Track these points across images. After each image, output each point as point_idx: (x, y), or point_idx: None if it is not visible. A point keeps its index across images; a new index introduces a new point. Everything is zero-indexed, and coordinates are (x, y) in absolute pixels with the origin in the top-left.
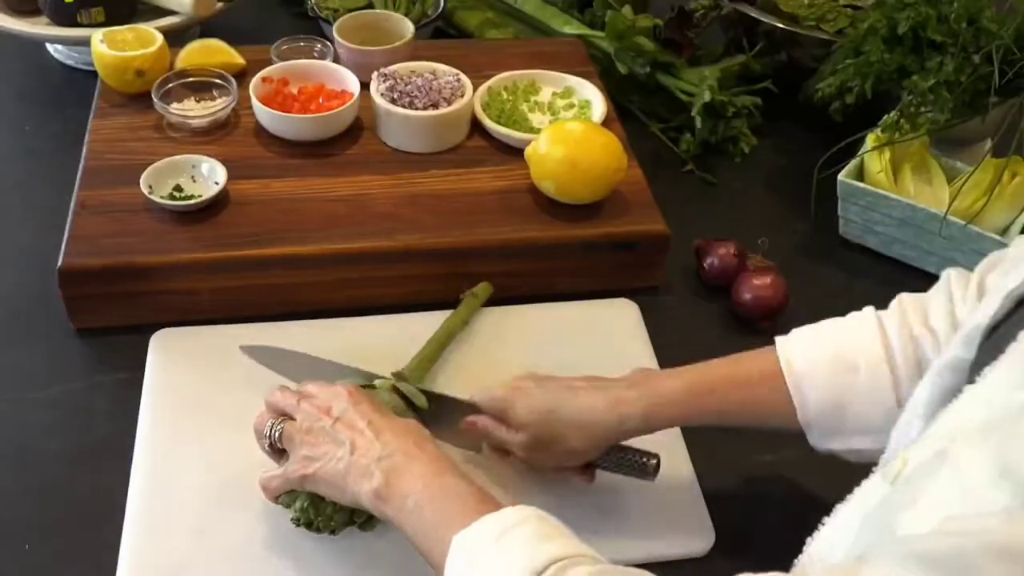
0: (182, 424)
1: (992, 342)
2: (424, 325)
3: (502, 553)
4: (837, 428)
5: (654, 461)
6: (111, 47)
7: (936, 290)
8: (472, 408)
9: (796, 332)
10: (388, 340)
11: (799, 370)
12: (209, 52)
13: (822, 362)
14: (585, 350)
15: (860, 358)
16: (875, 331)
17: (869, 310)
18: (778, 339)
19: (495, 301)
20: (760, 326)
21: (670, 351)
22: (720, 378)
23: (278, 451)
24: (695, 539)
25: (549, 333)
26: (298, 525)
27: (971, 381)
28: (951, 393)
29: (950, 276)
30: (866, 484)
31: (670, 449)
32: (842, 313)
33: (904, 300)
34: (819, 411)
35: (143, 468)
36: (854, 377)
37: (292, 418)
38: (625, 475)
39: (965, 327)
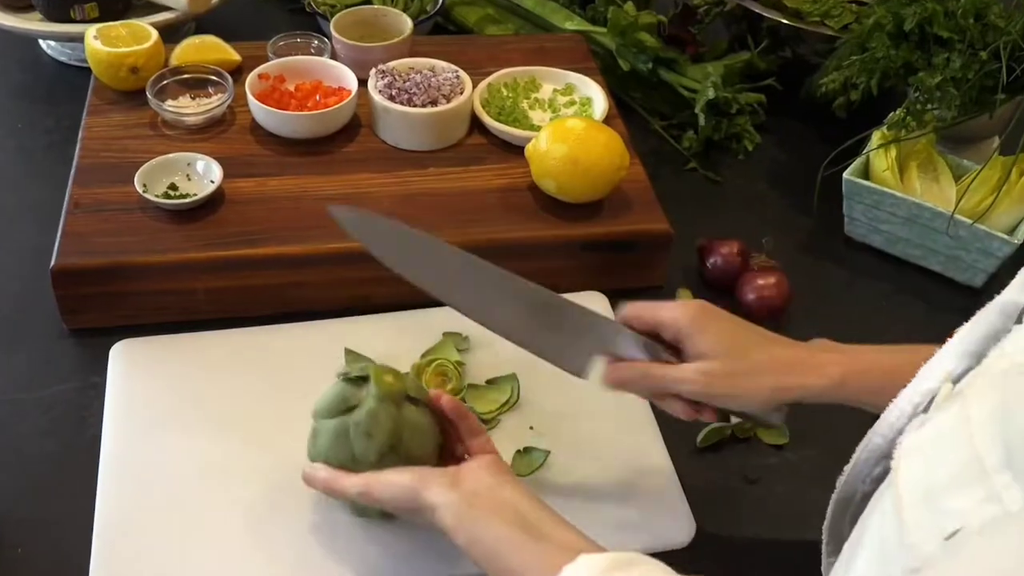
0: (144, 440)
1: None
2: (423, 325)
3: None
4: None
5: (783, 413)
6: (105, 43)
7: None
8: (615, 328)
9: None
10: (387, 340)
11: None
12: (204, 48)
13: None
14: None
15: None
16: None
17: None
18: None
19: None
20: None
21: None
22: (923, 361)
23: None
24: (675, 530)
25: None
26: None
27: (1019, 322)
28: (996, 336)
29: None
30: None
31: (644, 439)
32: (846, 312)
33: None
34: None
35: (109, 487)
36: None
37: None
38: (752, 419)
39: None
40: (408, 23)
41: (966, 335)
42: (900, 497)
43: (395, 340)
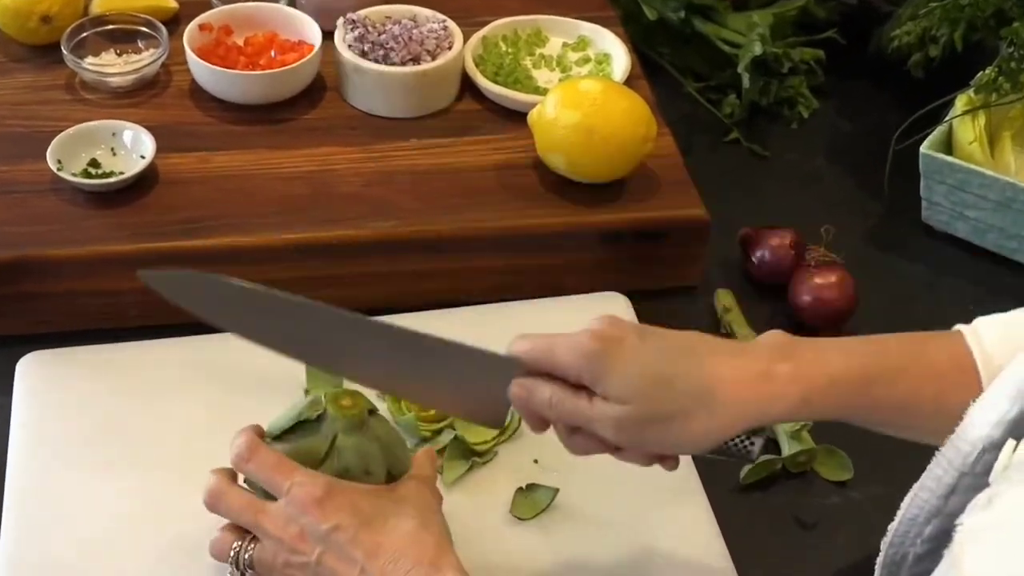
0: (58, 474)
1: None
2: None
3: None
4: None
5: (760, 442)
6: None
7: None
8: (514, 366)
9: (985, 325)
10: None
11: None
12: None
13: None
14: None
15: None
16: None
17: None
18: (965, 331)
19: (484, 300)
20: (823, 335)
21: None
22: (906, 360)
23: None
24: None
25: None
26: None
27: None
28: None
29: None
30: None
31: (675, 475)
32: (924, 319)
33: None
34: None
35: (14, 533)
36: None
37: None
38: (723, 458)
39: None
40: None
41: (1018, 371)
42: None
43: None
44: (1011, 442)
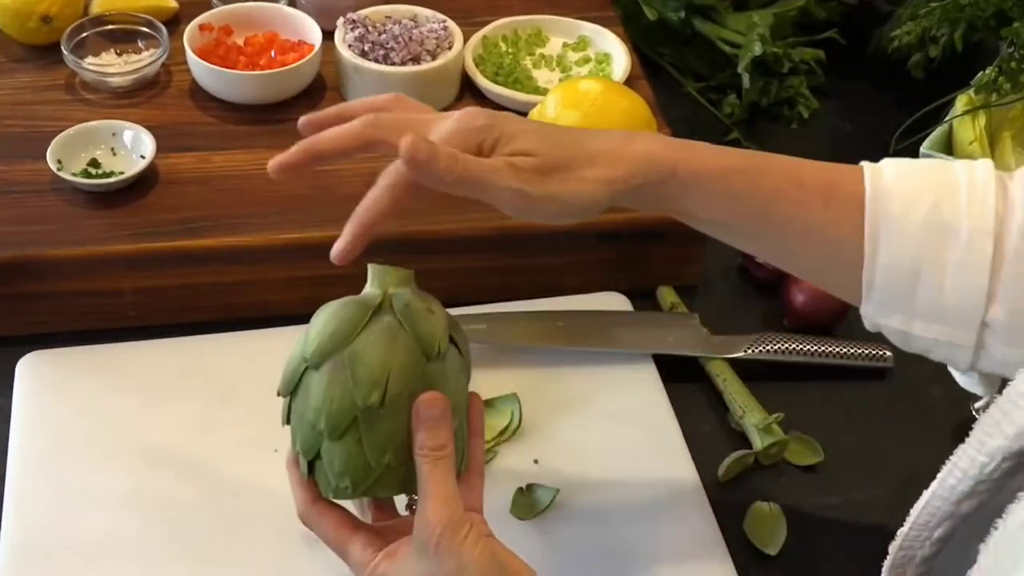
0: (58, 474)
1: None
2: None
3: None
4: (904, 300)
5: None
6: None
7: None
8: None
9: (889, 163)
10: None
11: (889, 212)
12: None
13: (916, 211)
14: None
15: (963, 222)
16: (991, 193)
17: (988, 164)
18: (866, 164)
19: (484, 300)
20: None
21: None
22: (784, 170)
23: None
24: None
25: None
26: None
27: None
28: None
29: None
30: None
31: (675, 477)
32: None
33: None
34: (891, 270)
35: (15, 534)
36: (948, 244)
37: None
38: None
39: None
40: None
41: None
42: None
43: None
44: None
